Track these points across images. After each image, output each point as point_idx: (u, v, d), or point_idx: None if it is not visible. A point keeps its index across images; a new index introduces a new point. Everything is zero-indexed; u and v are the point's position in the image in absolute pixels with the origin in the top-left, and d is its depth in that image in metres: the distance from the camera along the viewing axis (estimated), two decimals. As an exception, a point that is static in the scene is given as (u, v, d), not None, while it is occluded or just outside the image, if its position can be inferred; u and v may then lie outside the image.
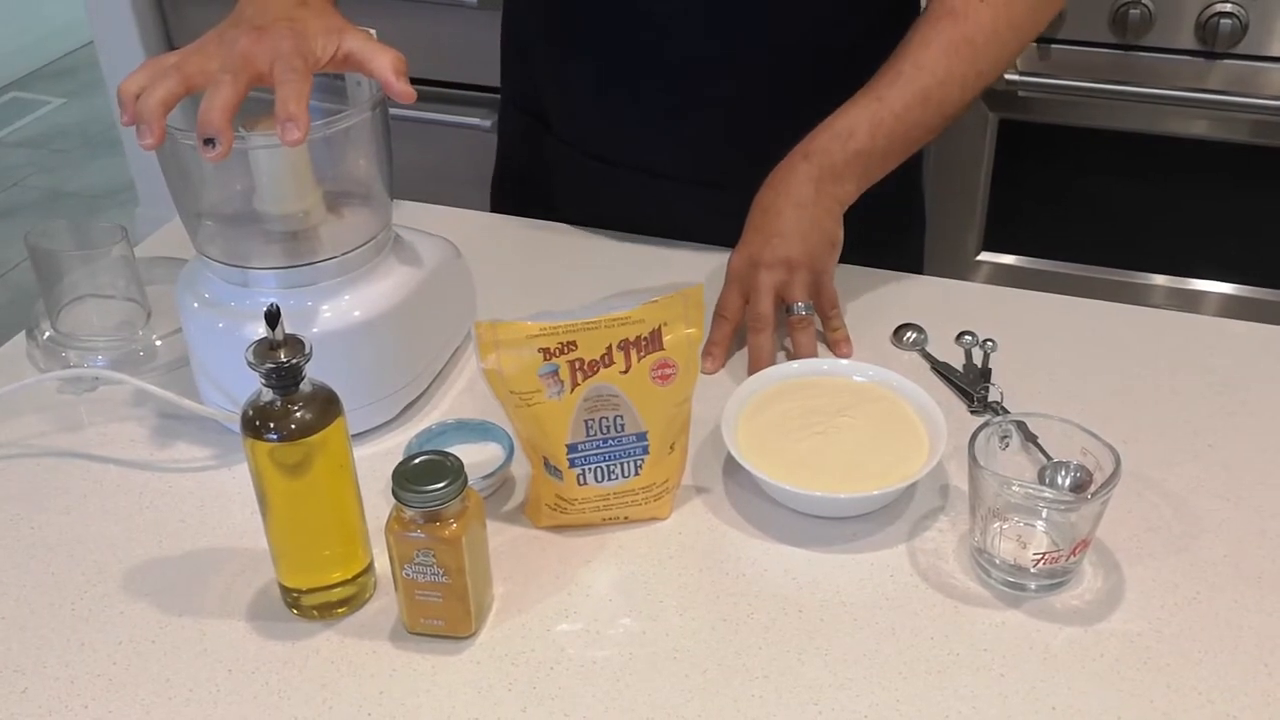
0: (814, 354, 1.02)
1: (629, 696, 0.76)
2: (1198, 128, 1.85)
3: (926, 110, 1.02)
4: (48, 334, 1.05)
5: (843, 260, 1.15)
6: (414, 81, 1.25)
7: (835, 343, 1.04)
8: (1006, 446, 0.85)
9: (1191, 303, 1.98)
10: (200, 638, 0.80)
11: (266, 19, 0.86)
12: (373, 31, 0.89)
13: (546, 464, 0.86)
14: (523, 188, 1.30)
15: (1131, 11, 1.78)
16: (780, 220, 1.01)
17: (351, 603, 0.82)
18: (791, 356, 1.03)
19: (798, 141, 1.04)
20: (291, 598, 0.81)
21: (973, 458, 0.81)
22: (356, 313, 0.92)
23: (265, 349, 0.73)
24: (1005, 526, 0.81)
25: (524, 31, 1.22)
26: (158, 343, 1.04)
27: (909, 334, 1.06)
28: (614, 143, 1.19)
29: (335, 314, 0.91)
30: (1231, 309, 1.96)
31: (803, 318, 1.02)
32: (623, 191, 1.20)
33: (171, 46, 2.53)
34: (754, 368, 1.00)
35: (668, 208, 1.19)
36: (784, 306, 1.02)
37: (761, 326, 1.01)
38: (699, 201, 1.18)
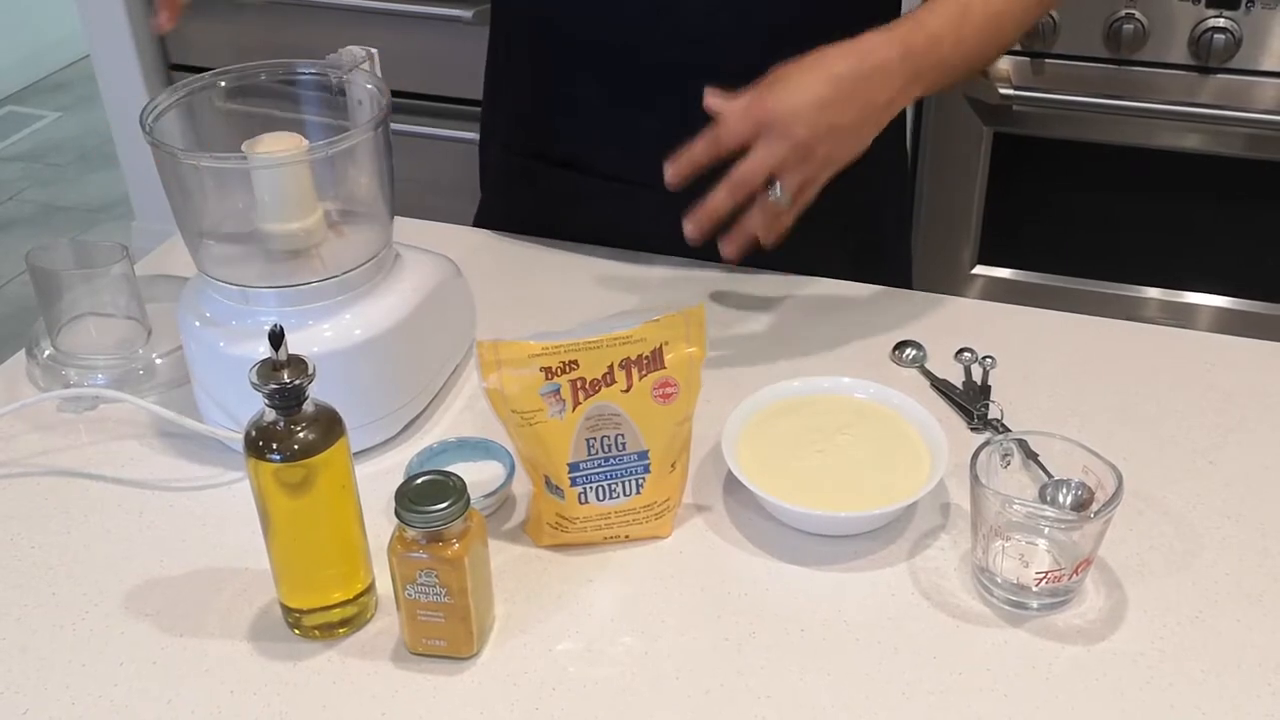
0: (760, 234, 0.96)
1: (631, 716, 0.75)
2: (1191, 142, 1.86)
3: (996, 35, 1.00)
4: (48, 352, 1.04)
5: (837, 275, 1.16)
6: (413, 96, 1.25)
7: (769, 228, 0.97)
8: (1008, 465, 0.85)
9: (1186, 316, 1.99)
10: (202, 658, 0.80)
11: None
12: (375, 52, 0.89)
13: (548, 483, 0.86)
14: (518, 224, 1.29)
15: (1125, 26, 1.79)
16: (847, 112, 0.93)
17: (353, 623, 0.82)
18: (734, 235, 0.97)
19: None
20: (293, 618, 0.81)
21: (974, 476, 0.81)
22: (357, 331, 0.92)
23: (269, 370, 0.73)
24: (1007, 545, 0.81)
25: (519, 64, 1.22)
26: (158, 361, 1.04)
27: (908, 351, 1.06)
28: (626, 160, 1.19)
29: (336, 333, 0.91)
30: (1225, 322, 1.97)
31: (776, 203, 0.95)
32: (634, 210, 1.20)
33: (168, 60, 2.54)
34: (699, 215, 0.95)
35: (674, 223, 1.18)
36: (766, 181, 0.94)
37: (739, 185, 0.93)
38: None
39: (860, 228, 1.16)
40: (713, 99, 0.95)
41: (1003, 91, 1.87)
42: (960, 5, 0.97)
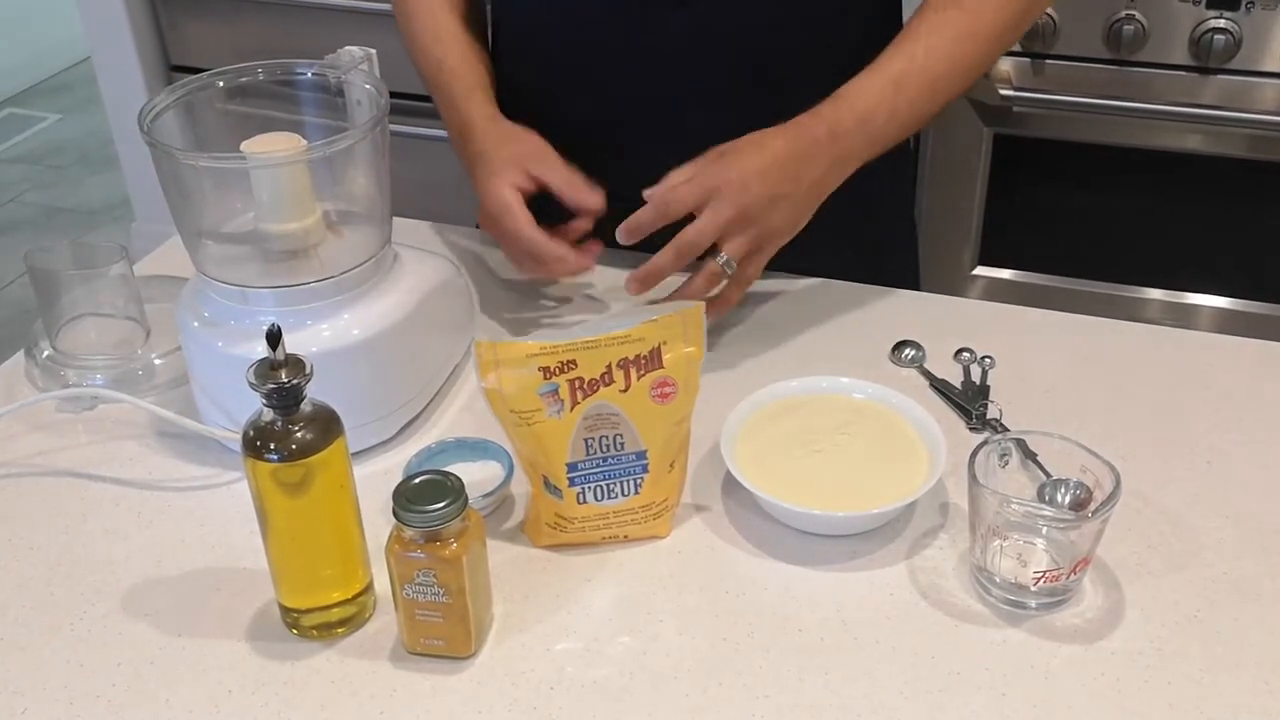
0: (713, 315, 0.99)
1: (629, 716, 0.75)
2: (1192, 142, 1.86)
3: (934, 100, 1.02)
4: (46, 353, 1.05)
5: (841, 278, 1.16)
6: (411, 96, 1.25)
7: (717, 302, 1.01)
8: (1006, 464, 0.85)
9: (1186, 317, 1.99)
10: (200, 658, 0.80)
11: None
12: (373, 53, 0.89)
13: (546, 483, 0.86)
14: None
15: (1126, 27, 1.79)
16: (778, 185, 0.97)
17: (351, 623, 0.82)
18: (676, 296, 1.00)
19: None
20: (291, 618, 0.81)
21: (972, 476, 0.81)
22: (356, 331, 0.92)
23: (266, 369, 0.73)
24: (1005, 545, 0.81)
25: (513, 85, 1.21)
26: (157, 361, 1.04)
27: (907, 351, 1.06)
28: (617, 179, 1.19)
29: (334, 333, 0.91)
30: (1226, 323, 1.97)
31: (719, 271, 0.99)
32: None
33: (168, 62, 2.55)
34: (643, 274, 0.99)
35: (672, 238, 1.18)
36: (711, 251, 0.99)
37: (684, 251, 0.97)
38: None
39: (863, 231, 1.16)
40: (652, 192, 0.99)
41: (1003, 93, 1.87)
42: (892, 79, 1.00)
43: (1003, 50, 1.07)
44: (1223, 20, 1.76)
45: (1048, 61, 1.87)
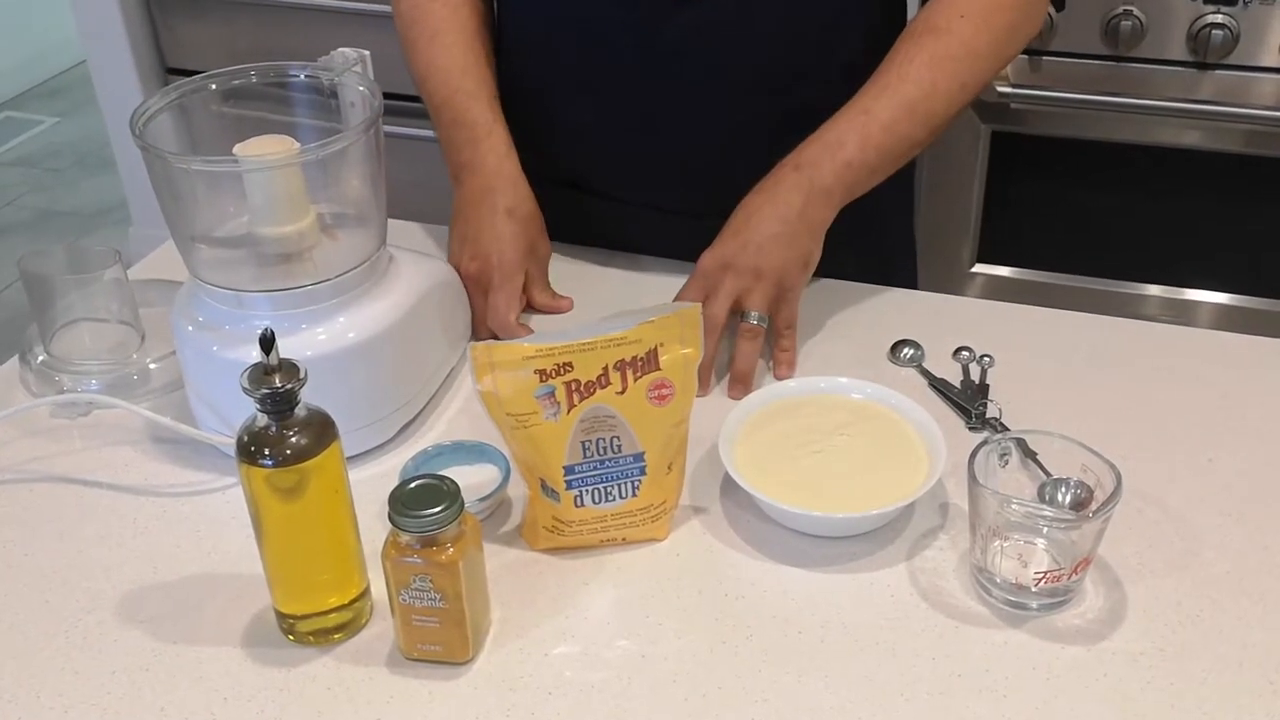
0: (752, 367, 1.01)
1: (629, 721, 0.75)
2: (1190, 138, 1.85)
3: (913, 123, 1.03)
4: (41, 358, 1.04)
5: (843, 278, 1.15)
6: (406, 98, 1.25)
7: (777, 361, 1.04)
8: (1006, 464, 0.84)
9: (1185, 313, 1.98)
10: (195, 665, 0.79)
11: None
12: (367, 55, 0.89)
13: (543, 486, 0.85)
14: None
15: (1123, 23, 1.79)
16: (761, 229, 1.01)
17: (347, 628, 0.81)
18: (730, 366, 1.02)
19: None
20: (287, 624, 0.81)
21: (972, 476, 0.80)
22: (351, 335, 0.92)
23: (260, 374, 0.73)
24: (1006, 545, 0.81)
25: (522, 78, 1.21)
26: (152, 366, 1.04)
27: (906, 350, 1.06)
28: (624, 180, 1.19)
29: (330, 336, 0.91)
30: (1225, 319, 1.96)
31: (752, 327, 1.01)
32: (625, 228, 1.20)
33: (164, 64, 2.54)
34: (702, 375, 0.99)
35: (671, 242, 1.18)
36: (739, 313, 1.02)
37: (710, 329, 1.00)
38: (703, 235, 1.17)
39: (864, 240, 1.16)
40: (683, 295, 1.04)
41: (1000, 89, 1.86)
42: (863, 107, 1.03)
43: (994, 68, 1.07)
44: (1220, 15, 1.76)
45: (1045, 58, 1.86)
